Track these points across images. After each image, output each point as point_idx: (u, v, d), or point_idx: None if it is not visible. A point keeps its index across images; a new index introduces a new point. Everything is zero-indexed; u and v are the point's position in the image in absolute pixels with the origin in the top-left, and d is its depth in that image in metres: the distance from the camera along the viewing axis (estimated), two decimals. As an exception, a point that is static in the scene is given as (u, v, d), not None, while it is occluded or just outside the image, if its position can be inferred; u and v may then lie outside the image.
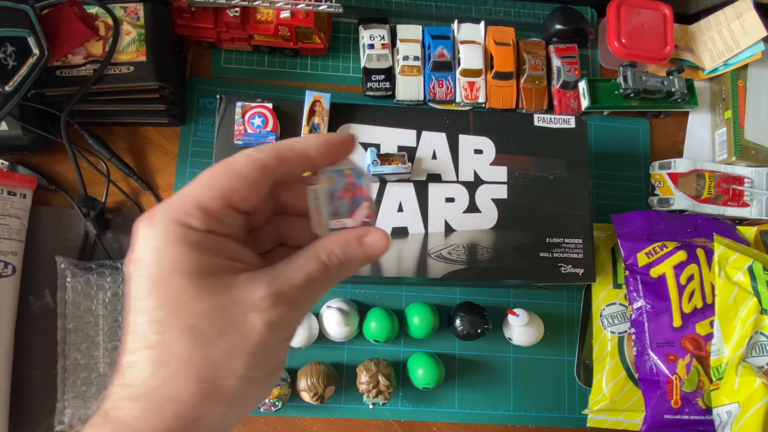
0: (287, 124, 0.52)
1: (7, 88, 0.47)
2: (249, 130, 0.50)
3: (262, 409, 0.53)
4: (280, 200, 0.28)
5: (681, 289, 0.55)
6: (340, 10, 0.57)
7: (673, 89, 0.63)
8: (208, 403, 0.22)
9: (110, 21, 0.53)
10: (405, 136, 0.54)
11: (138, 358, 0.22)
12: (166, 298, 0.22)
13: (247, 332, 0.23)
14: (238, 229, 0.25)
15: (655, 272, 0.56)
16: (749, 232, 0.61)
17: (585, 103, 0.63)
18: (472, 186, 0.53)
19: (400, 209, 0.52)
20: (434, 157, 0.54)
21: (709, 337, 0.54)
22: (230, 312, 0.23)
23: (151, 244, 0.23)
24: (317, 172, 0.27)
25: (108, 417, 0.22)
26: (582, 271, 0.53)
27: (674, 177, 0.61)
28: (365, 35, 0.63)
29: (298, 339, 0.54)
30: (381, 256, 0.28)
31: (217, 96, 0.52)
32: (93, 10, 0.53)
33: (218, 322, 0.22)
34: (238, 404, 0.24)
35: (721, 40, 0.65)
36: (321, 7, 0.57)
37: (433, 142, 0.54)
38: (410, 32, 0.63)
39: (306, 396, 0.53)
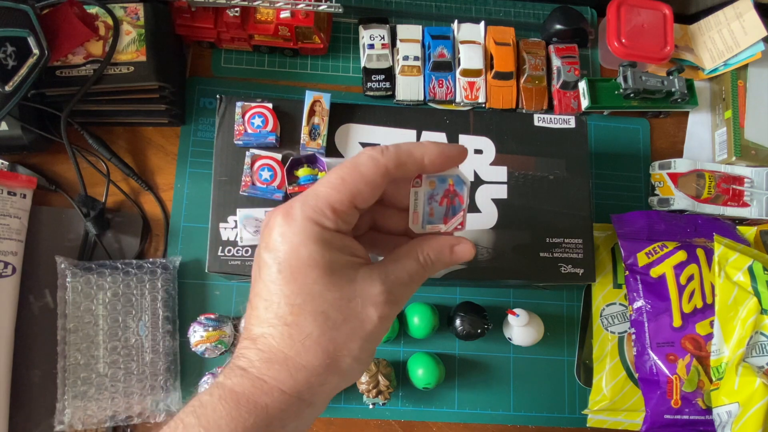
0: (287, 124, 0.52)
1: (7, 88, 0.46)
2: (249, 130, 0.50)
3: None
4: (383, 193, 0.31)
5: (681, 289, 0.55)
6: (340, 10, 0.57)
7: (673, 89, 0.63)
8: (329, 374, 0.28)
9: (110, 21, 0.53)
10: (405, 136, 0.53)
11: (274, 331, 0.27)
12: (303, 287, 0.27)
13: (364, 321, 0.28)
14: (353, 224, 0.29)
15: (655, 272, 0.56)
16: (749, 232, 0.61)
17: (585, 103, 0.63)
18: (472, 186, 0.53)
19: (400, 209, 0.52)
20: (434, 157, 0.53)
21: (709, 337, 0.54)
22: (353, 303, 0.28)
23: (291, 239, 0.27)
24: (421, 175, 0.29)
25: (247, 372, 0.27)
26: (582, 271, 0.53)
27: (674, 177, 0.61)
28: (365, 35, 0.62)
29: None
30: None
31: (217, 96, 0.52)
32: (93, 10, 0.53)
33: (344, 310, 0.27)
34: (347, 377, 0.29)
35: (721, 40, 0.65)
36: (321, 7, 0.57)
37: (433, 142, 0.54)
38: (410, 32, 0.63)
39: (306, 396, 0.53)
